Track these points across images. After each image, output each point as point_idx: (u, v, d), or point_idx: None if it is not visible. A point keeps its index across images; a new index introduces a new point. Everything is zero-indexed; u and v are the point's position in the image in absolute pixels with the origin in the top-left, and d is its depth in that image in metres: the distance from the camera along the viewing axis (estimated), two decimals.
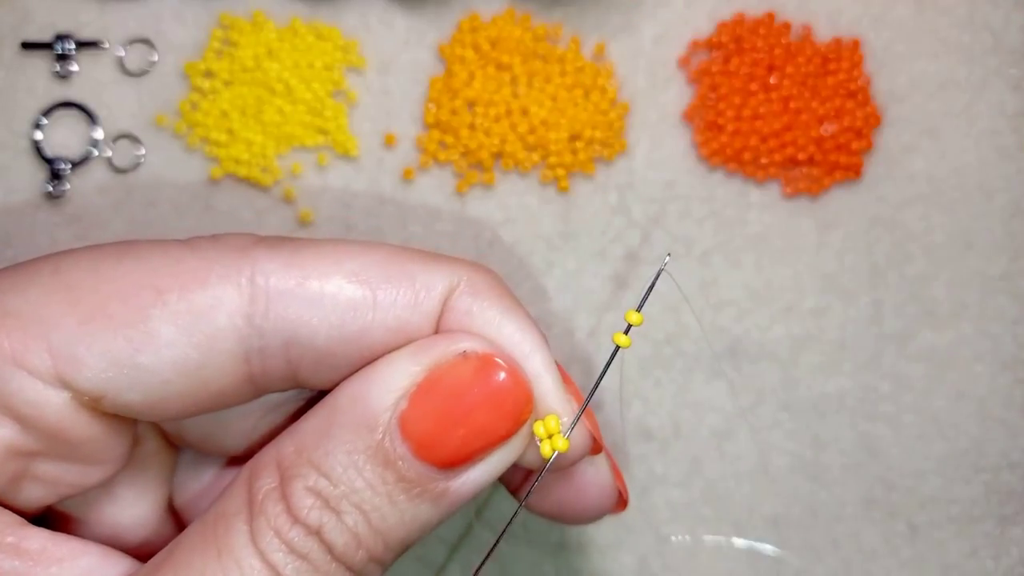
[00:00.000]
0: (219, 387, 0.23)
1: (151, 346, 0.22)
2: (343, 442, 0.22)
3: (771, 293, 0.38)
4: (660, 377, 0.38)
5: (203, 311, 0.22)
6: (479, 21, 0.39)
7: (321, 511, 0.22)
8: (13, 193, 0.38)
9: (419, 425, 0.22)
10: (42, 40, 0.38)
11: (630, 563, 0.38)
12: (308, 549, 0.22)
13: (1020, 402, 0.38)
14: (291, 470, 0.22)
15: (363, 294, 0.23)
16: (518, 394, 0.23)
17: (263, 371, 0.23)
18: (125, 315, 0.22)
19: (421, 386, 0.23)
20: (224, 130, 0.38)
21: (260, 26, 0.38)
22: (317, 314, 0.23)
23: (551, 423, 0.24)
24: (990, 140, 0.39)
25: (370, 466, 0.22)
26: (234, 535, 0.22)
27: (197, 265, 0.23)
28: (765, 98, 0.38)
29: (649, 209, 0.38)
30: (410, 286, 0.23)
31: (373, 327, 0.23)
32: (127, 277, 0.22)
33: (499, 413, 0.23)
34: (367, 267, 0.23)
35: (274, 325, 0.23)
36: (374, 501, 0.22)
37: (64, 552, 0.23)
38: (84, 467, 0.24)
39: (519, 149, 0.38)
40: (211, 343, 0.22)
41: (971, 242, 0.39)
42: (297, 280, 0.23)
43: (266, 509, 0.22)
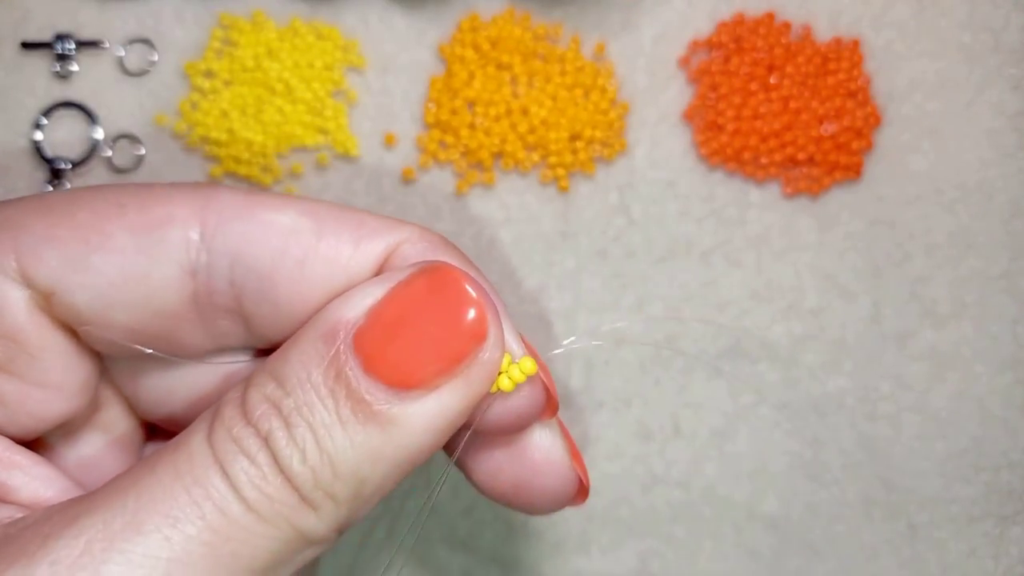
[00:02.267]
0: (163, 303, 0.24)
1: (103, 247, 0.23)
2: (300, 351, 0.22)
3: (771, 293, 0.38)
4: (660, 377, 0.38)
5: (157, 223, 0.23)
6: (479, 21, 0.39)
7: (271, 417, 0.22)
8: (13, 193, 0.38)
9: (372, 339, 0.22)
10: (42, 40, 0.38)
11: (630, 563, 0.38)
12: (255, 451, 0.22)
13: (1020, 402, 0.38)
14: (253, 378, 0.23)
15: (308, 224, 0.24)
16: (474, 312, 0.22)
17: (208, 292, 0.24)
18: (88, 222, 0.23)
19: (380, 301, 0.22)
20: (224, 130, 0.38)
21: (260, 26, 0.38)
22: (262, 234, 0.23)
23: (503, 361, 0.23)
24: (990, 140, 0.39)
25: (322, 378, 0.22)
26: (194, 432, 0.22)
27: (161, 191, 0.24)
28: (765, 98, 0.38)
29: (649, 209, 0.38)
30: (356, 227, 0.24)
31: (315, 256, 0.23)
32: (100, 195, 0.24)
33: (451, 327, 0.22)
34: (319, 207, 0.24)
35: (221, 243, 0.24)
36: (323, 417, 0.22)
37: (24, 460, 0.24)
38: (43, 392, 0.24)
39: (519, 149, 0.38)
40: (159, 250, 0.23)
41: (971, 242, 0.39)
42: (248, 206, 0.24)
43: (224, 411, 0.22)
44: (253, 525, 0.21)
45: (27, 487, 0.24)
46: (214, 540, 0.21)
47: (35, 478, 0.24)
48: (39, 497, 0.24)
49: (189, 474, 0.21)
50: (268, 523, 0.21)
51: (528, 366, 0.23)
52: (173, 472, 0.21)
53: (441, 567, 0.38)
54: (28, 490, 0.24)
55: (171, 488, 0.21)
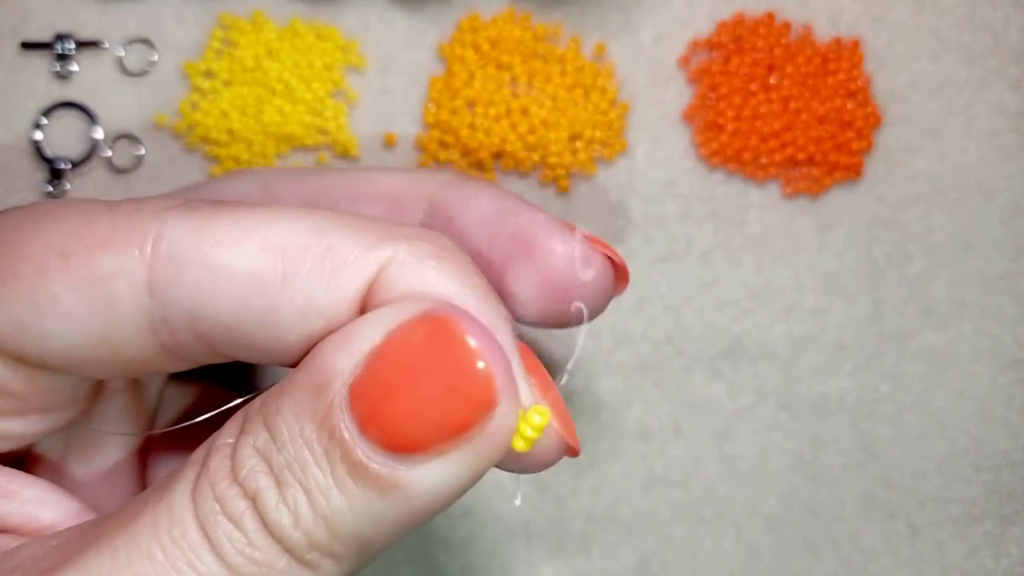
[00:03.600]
0: (132, 355, 0.22)
1: (54, 312, 0.21)
2: (292, 401, 0.20)
3: (771, 293, 0.38)
4: (660, 377, 0.38)
5: (102, 278, 0.21)
6: (479, 21, 0.39)
7: (260, 475, 0.20)
8: (13, 193, 0.38)
9: (369, 395, 0.19)
10: (42, 40, 0.38)
11: (630, 563, 0.38)
12: (240, 513, 0.20)
13: (1020, 402, 0.38)
14: (247, 424, 0.20)
15: (269, 267, 0.20)
16: (478, 371, 0.19)
17: (175, 343, 0.22)
18: (32, 279, 0.21)
19: (377, 350, 0.20)
20: (224, 130, 0.38)
21: (260, 26, 0.38)
22: (218, 287, 0.21)
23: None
24: (990, 140, 0.39)
25: (316, 436, 0.20)
26: (179, 483, 0.20)
27: (105, 227, 0.21)
28: (765, 98, 0.38)
29: (649, 209, 0.38)
30: (324, 258, 0.20)
31: (281, 306, 0.21)
32: (42, 238, 0.21)
33: (454, 390, 0.19)
34: (284, 237, 0.21)
35: (175, 297, 0.21)
36: (317, 477, 0.20)
37: (13, 485, 0.23)
38: (39, 416, 0.23)
39: (519, 149, 0.38)
40: (112, 311, 0.21)
41: (971, 242, 0.39)
42: (200, 248, 0.21)
43: (211, 462, 0.20)
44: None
45: (19, 511, 0.23)
46: None
47: (26, 501, 0.23)
48: (36, 520, 0.23)
49: (168, 534, 0.20)
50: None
51: (538, 420, 0.21)
52: (151, 528, 0.20)
53: (441, 567, 0.38)
54: (20, 514, 0.23)
55: (148, 548, 0.20)
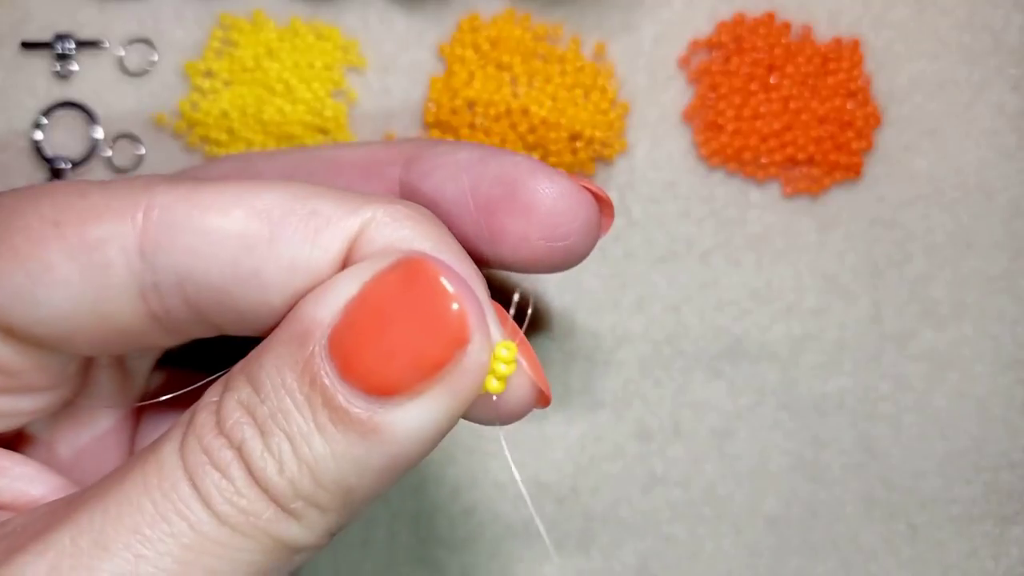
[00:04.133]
0: (120, 325, 0.22)
1: (47, 279, 0.22)
2: (275, 355, 0.21)
3: (771, 293, 0.38)
4: (660, 377, 0.38)
5: (95, 244, 0.22)
6: (479, 21, 0.39)
7: (245, 426, 0.20)
8: None
9: (347, 342, 0.20)
10: (42, 40, 0.38)
11: (630, 563, 0.38)
12: (227, 463, 0.20)
13: (1020, 402, 0.38)
14: (231, 382, 0.21)
15: (257, 228, 0.21)
16: (452, 310, 0.20)
17: (164, 309, 0.22)
18: (27, 249, 0.22)
19: (355, 299, 0.21)
20: (224, 130, 0.38)
21: (260, 26, 0.38)
22: (207, 248, 0.21)
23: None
24: (990, 140, 0.39)
25: (297, 384, 0.20)
26: (167, 441, 0.21)
27: (98, 200, 0.22)
28: (765, 98, 0.38)
29: (649, 209, 0.38)
30: (309, 219, 0.22)
31: (267, 264, 0.21)
32: (36, 211, 0.22)
33: (429, 330, 0.20)
34: (269, 202, 0.22)
35: (166, 260, 0.22)
36: (300, 425, 0.20)
37: (5, 462, 0.23)
38: (30, 395, 0.24)
39: (519, 149, 0.38)
40: (103, 277, 0.22)
41: (971, 242, 0.39)
42: (189, 213, 0.22)
43: (197, 418, 0.21)
44: (228, 539, 0.20)
45: (10, 488, 0.23)
46: (186, 556, 0.20)
47: (17, 478, 0.23)
48: (26, 495, 0.23)
49: (158, 487, 0.20)
50: (244, 536, 0.20)
51: (506, 354, 0.21)
52: (141, 484, 0.20)
53: (441, 567, 0.38)
54: (11, 490, 0.23)
55: (138, 502, 0.20)
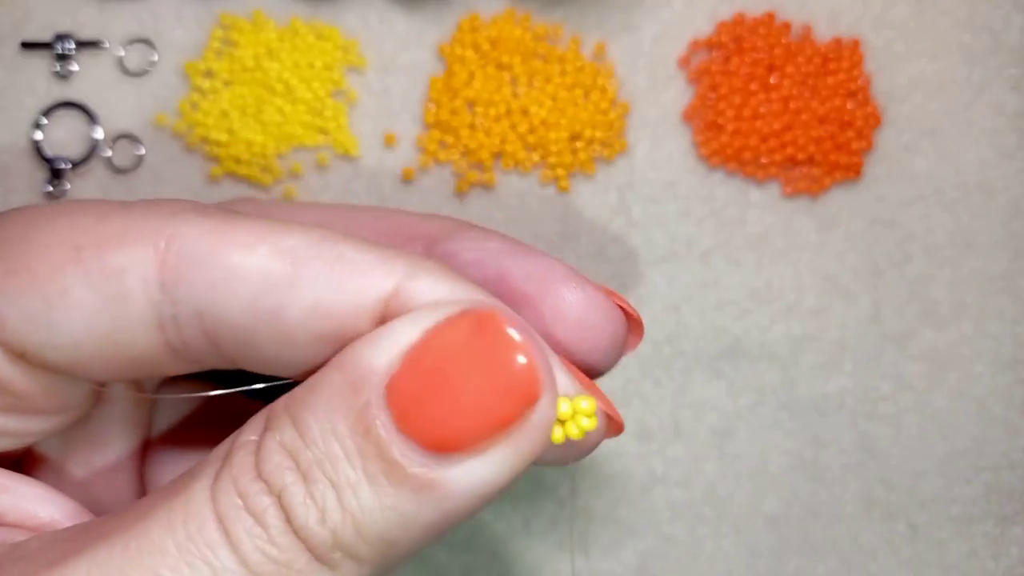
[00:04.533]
0: (135, 354, 0.22)
1: (63, 304, 0.21)
2: (324, 398, 0.20)
3: (771, 293, 0.38)
4: (660, 377, 0.38)
5: (114, 272, 0.21)
6: (479, 21, 0.39)
7: (287, 471, 0.19)
8: (13, 193, 0.38)
9: (406, 393, 0.19)
10: (42, 40, 0.38)
11: (630, 563, 0.38)
12: (263, 509, 0.19)
13: (1020, 402, 0.38)
14: (271, 421, 0.20)
15: (280, 268, 0.21)
16: (523, 365, 0.19)
17: (181, 342, 0.22)
18: (45, 271, 0.21)
19: (415, 347, 0.20)
20: (224, 130, 0.38)
21: (260, 26, 0.38)
22: (229, 285, 0.21)
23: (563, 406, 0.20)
24: (990, 140, 0.39)
25: (349, 432, 0.19)
26: (197, 479, 0.20)
27: (120, 225, 0.22)
28: (765, 98, 0.38)
29: (649, 209, 0.38)
30: (334, 264, 0.21)
31: (291, 304, 0.21)
32: (54, 235, 0.22)
33: (498, 386, 0.19)
34: (295, 243, 0.21)
35: (186, 293, 0.21)
36: (348, 475, 0.19)
37: (9, 482, 0.23)
38: (39, 418, 0.23)
39: (519, 149, 0.38)
40: (121, 306, 0.21)
41: (971, 242, 0.39)
42: (213, 247, 0.21)
43: (235, 458, 0.20)
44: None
45: (17, 507, 0.23)
46: None
47: (24, 497, 0.23)
48: (34, 517, 0.23)
49: (183, 528, 0.19)
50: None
51: (587, 407, 0.20)
52: (166, 522, 0.19)
53: (441, 567, 0.38)
54: (19, 510, 0.23)
55: (160, 541, 0.19)
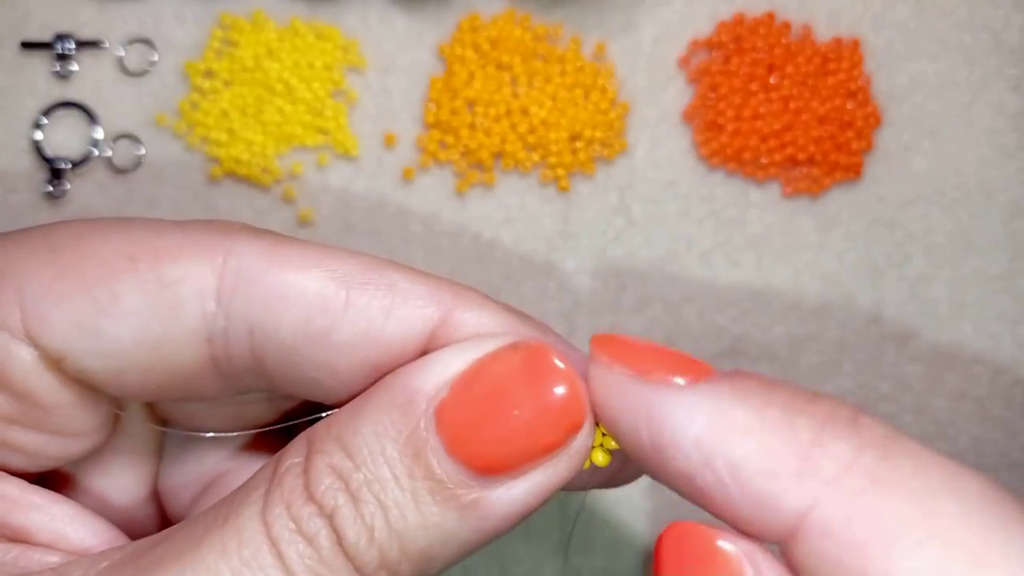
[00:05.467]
0: (180, 366, 0.22)
1: (114, 310, 0.21)
2: (373, 422, 0.21)
3: (771, 293, 0.38)
4: None
5: (170, 283, 0.22)
6: (479, 21, 0.39)
7: (338, 493, 0.20)
8: (13, 193, 0.38)
9: (456, 418, 0.20)
10: (42, 40, 0.38)
11: (630, 563, 0.38)
12: (316, 531, 0.20)
13: (1020, 402, 0.38)
14: (316, 444, 0.21)
15: (334, 291, 0.22)
16: (570, 395, 0.21)
17: (227, 356, 0.22)
18: (96, 277, 0.22)
19: (465, 375, 0.21)
20: (224, 130, 0.38)
21: (260, 26, 0.38)
22: (283, 303, 0.22)
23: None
24: (990, 140, 0.39)
25: (398, 454, 0.20)
26: (247, 505, 0.20)
27: (176, 240, 0.22)
28: (765, 98, 0.38)
29: (649, 209, 0.38)
30: (387, 291, 0.22)
31: (341, 327, 0.22)
32: (107, 244, 0.22)
33: (547, 414, 0.20)
34: (349, 268, 0.22)
35: (240, 308, 0.22)
36: (396, 495, 0.20)
37: (41, 500, 0.23)
38: (61, 439, 0.23)
39: (519, 149, 0.38)
40: (174, 316, 0.22)
41: (971, 242, 0.39)
42: (270, 266, 0.22)
43: (284, 481, 0.20)
44: None
45: (48, 527, 0.23)
46: None
47: (54, 517, 0.23)
48: (62, 536, 0.23)
49: (237, 554, 0.20)
50: None
51: (610, 438, 0.22)
52: (220, 549, 0.20)
53: None
54: (49, 530, 0.23)
55: (216, 568, 0.20)
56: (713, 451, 0.19)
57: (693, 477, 0.19)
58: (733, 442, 0.19)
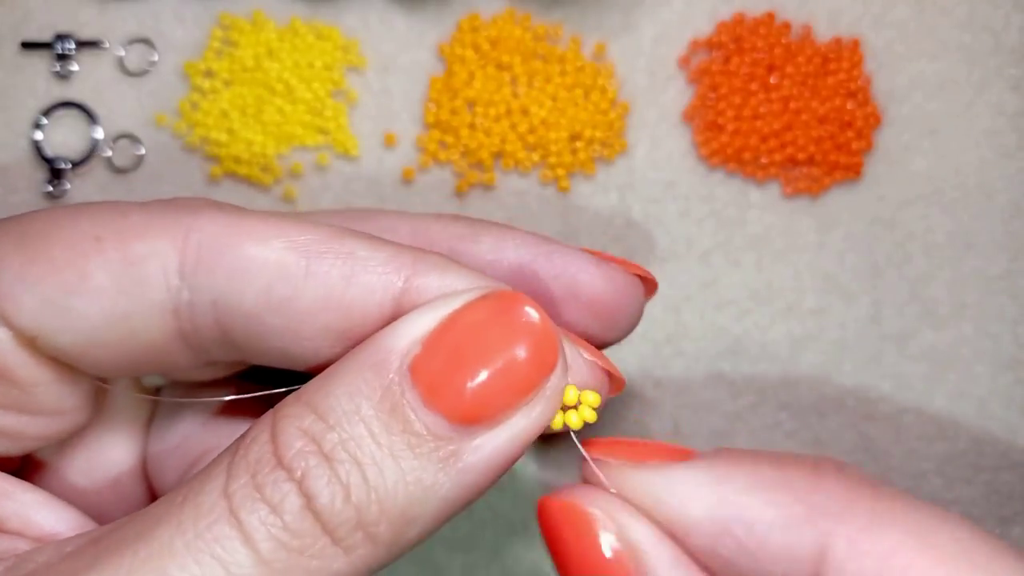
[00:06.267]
0: (148, 340, 0.23)
1: (83, 289, 0.22)
2: (346, 383, 0.20)
3: (771, 293, 0.38)
4: (660, 377, 0.38)
5: (136, 260, 0.22)
6: (479, 21, 0.39)
7: (309, 455, 0.20)
8: (13, 193, 0.38)
9: (431, 370, 0.20)
10: (42, 40, 0.38)
11: None
12: (281, 497, 0.19)
13: (1020, 402, 0.38)
14: (284, 409, 0.21)
15: (294, 260, 0.22)
16: (541, 338, 0.21)
17: (193, 329, 0.23)
18: (65, 259, 0.22)
19: (436, 329, 0.21)
20: (224, 130, 0.38)
21: (260, 26, 0.38)
22: (245, 274, 0.22)
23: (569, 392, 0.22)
24: (990, 140, 0.39)
25: (374, 411, 0.20)
26: (208, 479, 0.20)
27: (140, 219, 0.23)
28: (765, 98, 0.38)
29: (649, 209, 0.38)
30: (346, 259, 0.22)
31: (303, 295, 0.22)
32: (75, 228, 0.23)
33: (521, 356, 0.20)
34: (309, 238, 0.22)
35: (203, 281, 0.22)
36: (374, 452, 0.20)
37: (10, 487, 0.23)
38: (42, 418, 0.24)
39: (519, 149, 0.38)
40: (140, 291, 0.22)
41: (971, 242, 0.39)
42: (231, 238, 0.22)
43: (249, 452, 0.20)
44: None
45: (17, 514, 0.23)
46: None
47: (24, 504, 0.23)
48: (32, 523, 0.23)
49: (193, 527, 0.19)
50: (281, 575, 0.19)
51: (592, 400, 0.22)
52: (175, 523, 0.19)
53: (441, 567, 0.38)
54: (19, 517, 0.23)
55: (170, 543, 0.19)
56: (727, 517, 0.20)
57: (715, 548, 0.20)
58: (742, 504, 0.20)
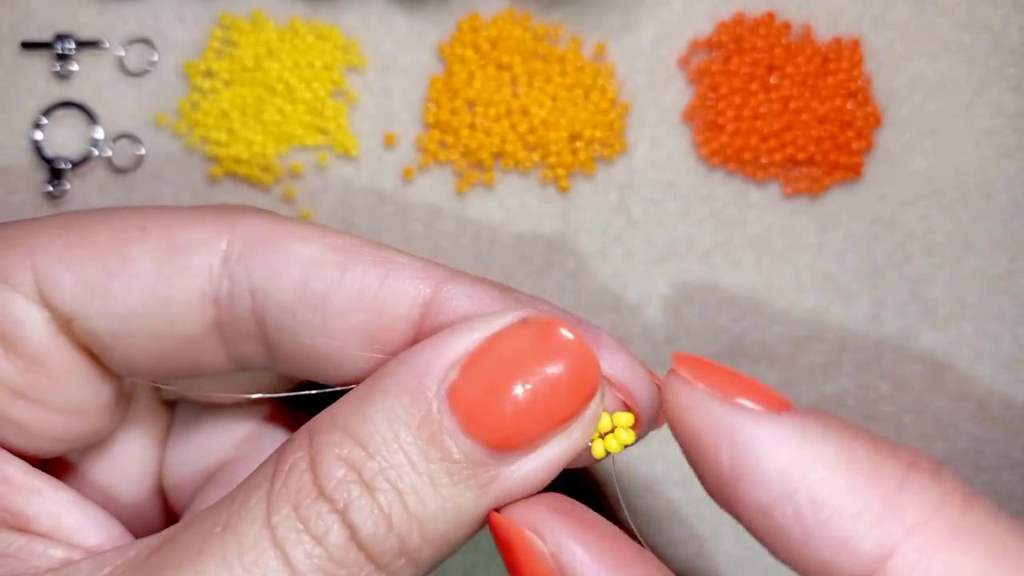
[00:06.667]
0: (184, 331, 0.23)
1: (124, 272, 0.22)
2: (383, 408, 0.20)
3: (771, 293, 0.38)
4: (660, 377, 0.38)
5: (180, 248, 0.23)
6: (479, 21, 0.39)
7: (351, 485, 0.20)
8: (13, 193, 0.38)
9: (470, 397, 0.20)
10: (42, 40, 0.38)
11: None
12: (325, 530, 0.19)
13: (1020, 402, 0.38)
14: (321, 436, 0.20)
15: (333, 258, 0.23)
16: (583, 365, 0.21)
17: (230, 320, 0.23)
18: (108, 245, 0.23)
19: (475, 354, 0.20)
20: (224, 130, 0.38)
21: (260, 26, 0.38)
22: (285, 267, 0.22)
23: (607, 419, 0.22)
24: (990, 140, 0.39)
25: (412, 439, 0.20)
26: (248, 509, 0.20)
27: (188, 214, 0.23)
28: (765, 98, 0.38)
29: (649, 209, 0.38)
30: (383, 262, 0.23)
31: (338, 290, 0.22)
32: (119, 218, 0.23)
33: (561, 385, 0.20)
34: (345, 241, 0.23)
35: (245, 271, 0.23)
36: (413, 481, 0.20)
37: (42, 484, 0.23)
38: (64, 417, 0.24)
39: (519, 149, 0.38)
40: (183, 277, 0.23)
41: (971, 242, 0.39)
42: (273, 235, 0.23)
43: (289, 480, 0.20)
44: None
45: (48, 513, 0.23)
46: None
47: (55, 503, 0.23)
48: (62, 523, 0.23)
49: (238, 560, 0.19)
50: None
51: (626, 420, 0.22)
52: (220, 557, 0.19)
53: (441, 567, 0.38)
54: (50, 517, 0.23)
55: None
56: (797, 484, 0.19)
57: (771, 510, 0.19)
58: (819, 477, 0.18)
